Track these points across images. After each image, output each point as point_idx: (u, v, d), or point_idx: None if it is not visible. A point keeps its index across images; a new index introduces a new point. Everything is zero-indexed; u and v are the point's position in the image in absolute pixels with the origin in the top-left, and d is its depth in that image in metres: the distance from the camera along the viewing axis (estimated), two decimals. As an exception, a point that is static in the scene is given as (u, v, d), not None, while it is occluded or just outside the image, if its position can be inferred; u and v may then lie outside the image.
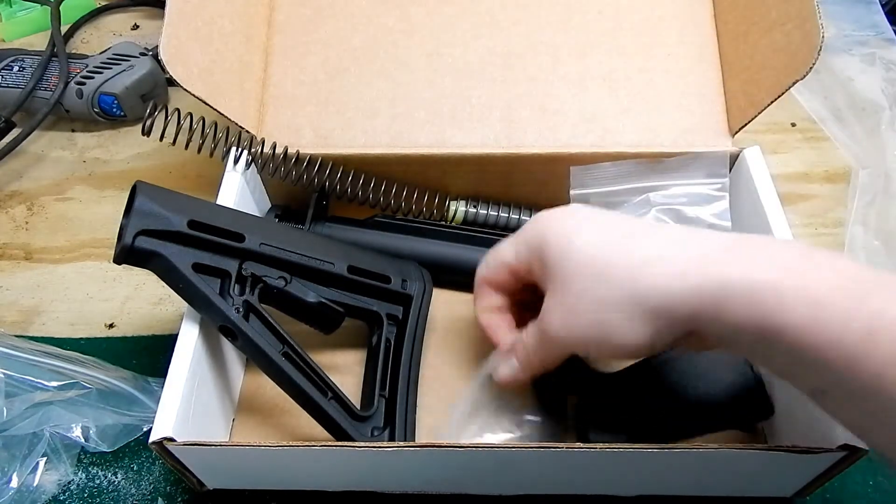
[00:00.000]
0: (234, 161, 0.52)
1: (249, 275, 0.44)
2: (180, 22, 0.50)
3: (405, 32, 0.58)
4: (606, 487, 0.45)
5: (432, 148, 0.54)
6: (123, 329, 0.55)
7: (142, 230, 0.41)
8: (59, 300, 0.57)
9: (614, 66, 0.56)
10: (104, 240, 0.61)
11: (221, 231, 0.43)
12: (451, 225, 0.56)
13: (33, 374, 0.48)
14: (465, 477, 0.44)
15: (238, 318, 0.43)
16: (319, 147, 0.55)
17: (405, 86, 0.56)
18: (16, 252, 0.61)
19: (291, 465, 0.42)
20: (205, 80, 0.51)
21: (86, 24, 0.78)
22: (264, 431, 0.49)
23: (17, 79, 0.67)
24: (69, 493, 0.47)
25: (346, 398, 0.45)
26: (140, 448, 0.49)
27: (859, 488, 0.46)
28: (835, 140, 0.66)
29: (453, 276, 0.55)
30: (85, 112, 0.67)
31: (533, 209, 0.57)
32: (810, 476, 0.42)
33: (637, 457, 0.39)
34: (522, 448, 0.38)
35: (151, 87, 0.68)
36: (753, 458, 0.39)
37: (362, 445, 0.38)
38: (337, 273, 0.48)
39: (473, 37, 0.57)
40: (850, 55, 0.70)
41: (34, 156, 0.67)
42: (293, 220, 0.55)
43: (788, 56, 0.49)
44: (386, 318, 0.50)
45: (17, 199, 0.64)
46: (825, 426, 0.39)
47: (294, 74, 0.57)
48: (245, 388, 0.51)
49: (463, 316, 0.54)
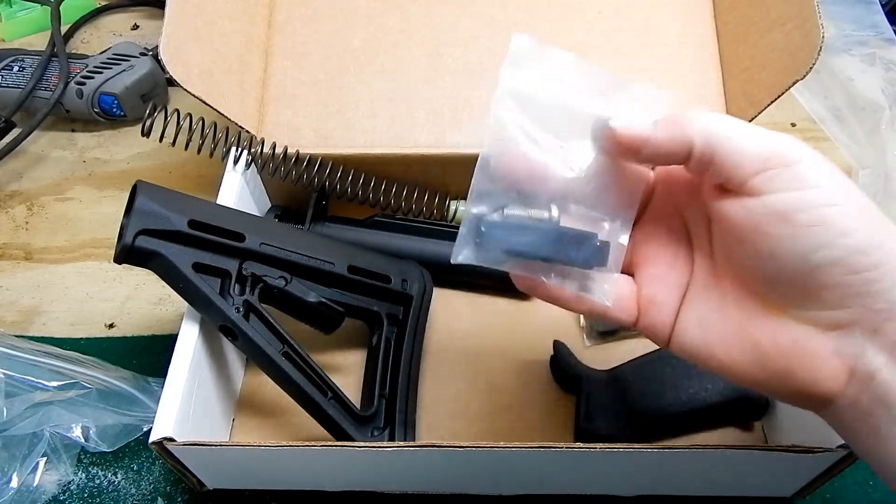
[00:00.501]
0: (234, 161, 0.52)
1: (250, 274, 0.44)
2: (180, 22, 0.50)
3: (405, 32, 0.58)
4: (606, 487, 0.45)
5: (432, 148, 0.54)
6: (123, 329, 0.55)
7: (142, 230, 0.41)
8: (59, 300, 0.57)
9: (614, 65, 0.56)
10: (104, 240, 0.61)
11: (222, 231, 0.43)
12: (452, 225, 0.56)
13: (33, 374, 0.48)
14: (465, 477, 0.44)
15: (238, 318, 0.43)
16: (319, 147, 0.55)
17: (405, 86, 0.56)
18: (16, 252, 0.61)
19: (291, 465, 0.42)
20: (205, 80, 0.51)
21: (86, 24, 0.78)
22: (264, 431, 0.49)
23: (17, 79, 0.67)
24: (69, 493, 0.47)
25: (347, 398, 0.45)
26: (140, 448, 0.49)
27: (859, 488, 0.46)
28: (835, 140, 0.66)
29: (453, 276, 0.55)
30: (85, 112, 0.67)
31: (533, 209, 0.57)
32: (810, 476, 0.42)
33: (637, 457, 0.39)
34: (522, 448, 0.38)
35: (151, 87, 0.68)
36: (753, 458, 0.39)
37: (362, 445, 0.38)
38: (337, 273, 0.48)
39: (473, 37, 0.57)
40: (850, 55, 0.70)
41: (34, 156, 0.67)
42: (293, 220, 0.55)
43: (788, 56, 0.49)
44: (386, 318, 0.50)
45: (17, 199, 0.64)
46: (825, 426, 0.39)
47: (294, 74, 0.57)
48: (245, 388, 0.51)
49: (463, 316, 0.54)
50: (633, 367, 0.48)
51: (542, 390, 0.50)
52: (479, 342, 0.53)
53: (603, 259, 0.33)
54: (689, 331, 0.32)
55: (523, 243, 0.32)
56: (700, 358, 0.32)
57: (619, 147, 0.30)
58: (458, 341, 0.53)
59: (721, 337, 0.31)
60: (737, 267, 0.30)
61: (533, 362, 0.51)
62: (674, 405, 0.46)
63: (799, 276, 0.28)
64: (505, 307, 0.55)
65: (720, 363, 0.31)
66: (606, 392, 0.47)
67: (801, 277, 0.28)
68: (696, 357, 0.32)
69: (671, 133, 0.29)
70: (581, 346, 0.52)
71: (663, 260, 0.34)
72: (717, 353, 0.31)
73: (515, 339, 0.53)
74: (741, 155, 0.28)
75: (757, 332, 0.30)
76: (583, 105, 0.32)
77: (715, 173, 0.29)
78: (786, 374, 0.29)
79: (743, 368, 0.30)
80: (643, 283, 0.34)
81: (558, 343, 0.50)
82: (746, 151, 0.28)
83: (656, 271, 0.34)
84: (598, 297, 0.33)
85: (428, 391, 0.50)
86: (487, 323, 0.54)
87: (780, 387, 0.30)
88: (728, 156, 0.28)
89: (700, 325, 0.32)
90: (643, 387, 0.46)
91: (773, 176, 0.28)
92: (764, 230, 0.28)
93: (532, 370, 0.51)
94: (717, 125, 0.29)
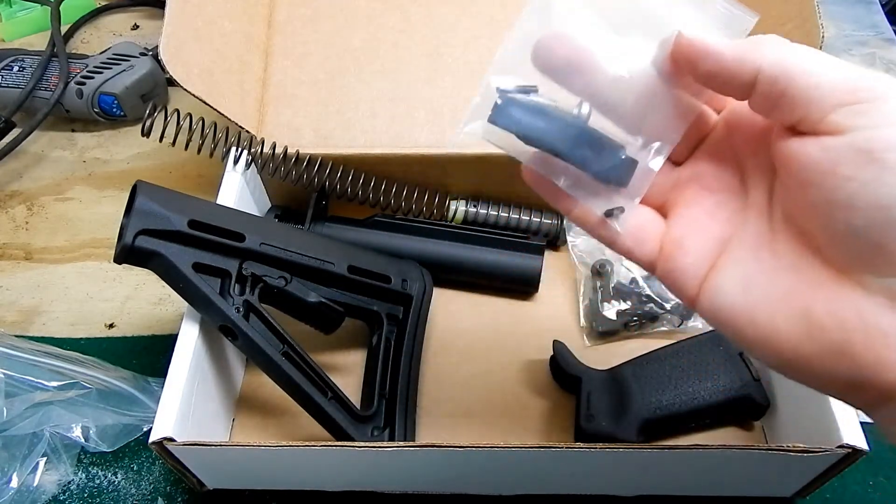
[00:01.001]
0: (234, 161, 0.52)
1: (250, 274, 0.44)
2: (180, 22, 0.50)
3: (405, 32, 0.58)
4: (606, 487, 0.45)
5: (432, 148, 0.54)
6: (123, 329, 0.55)
7: (142, 230, 0.41)
8: (59, 300, 0.57)
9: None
10: (104, 240, 0.61)
11: (222, 231, 0.43)
12: (451, 225, 0.56)
13: (33, 374, 0.48)
14: (465, 477, 0.44)
15: (238, 318, 0.43)
16: (319, 147, 0.55)
17: (405, 86, 0.56)
18: (16, 252, 0.61)
19: (291, 465, 0.42)
20: (205, 80, 0.51)
21: (86, 24, 0.78)
22: (264, 431, 0.49)
23: (17, 79, 0.67)
24: (69, 493, 0.47)
25: (347, 398, 0.45)
26: (140, 448, 0.49)
27: (859, 488, 0.46)
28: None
29: (453, 276, 0.55)
30: (85, 112, 0.67)
31: (533, 209, 0.57)
32: (810, 476, 0.42)
33: (637, 457, 0.39)
34: (522, 448, 0.38)
35: (151, 87, 0.68)
36: (753, 458, 0.39)
37: (362, 445, 0.38)
38: (337, 273, 0.48)
39: (473, 37, 0.57)
40: (850, 55, 0.70)
41: (34, 156, 0.67)
42: (293, 220, 0.55)
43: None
44: (386, 318, 0.50)
45: (17, 199, 0.64)
46: (825, 426, 0.39)
47: (294, 74, 0.57)
48: (245, 388, 0.51)
49: (463, 316, 0.54)
50: (633, 366, 0.48)
51: (542, 390, 0.50)
52: (479, 342, 0.53)
53: (623, 177, 0.29)
54: (728, 290, 0.27)
55: (538, 129, 0.28)
56: (735, 323, 0.27)
57: (680, 52, 0.27)
58: (458, 341, 0.53)
59: (766, 301, 0.26)
60: (801, 220, 0.26)
61: (533, 362, 0.51)
62: (674, 405, 0.46)
63: (878, 232, 0.23)
64: (505, 307, 0.55)
65: (760, 331, 0.26)
66: (606, 392, 0.47)
67: (880, 233, 0.23)
68: (731, 321, 0.27)
69: (738, 54, 0.26)
70: (581, 346, 0.52)
71: (703, 207, 0.30)
72: (759, 318, 0.26)
73: (515, 339, 0.53)
74: (819, 87, 0.24)
75: (813, 299, 0.25)
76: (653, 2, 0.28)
77: (787, 108, 0.25)
78: (841, 352, 0.24)
79: (788, 339, 0.26)
80: (674, 223, 0.30)
81: (558, 343, 0.50)
82: (826, 83, 0.24)
83: (692, 214, 0.30)
84: (608, 218, 0.29)
85: (428, 391, 0.50)
86: (487, 323, 0.54)
87: (830, 367, 0.25)
88: (805, 88, 0.24)
89: (743, 285, 0.27)
90: (643, 386, 0.46)
91: (859, 111, 0.23)
92: (842, 172, 0.23)
93: (532, 370, 0.51)
94: (791, 55, 0.25)
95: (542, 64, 0.28)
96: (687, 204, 0.30)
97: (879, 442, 0.38)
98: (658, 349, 0.49)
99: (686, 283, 0.29)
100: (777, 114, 0.26)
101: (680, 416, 0.46)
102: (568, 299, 0.55)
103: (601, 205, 0.30)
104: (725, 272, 0.28)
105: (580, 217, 0.31)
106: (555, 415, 0.49)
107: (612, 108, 0.29)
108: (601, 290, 0.53)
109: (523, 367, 0.51)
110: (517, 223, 0.56)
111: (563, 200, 0.31)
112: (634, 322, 0.52)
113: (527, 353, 0.52)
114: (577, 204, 0.31)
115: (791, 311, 0.26)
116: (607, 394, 0.47)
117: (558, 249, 0.58)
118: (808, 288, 0.26)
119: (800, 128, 0.25)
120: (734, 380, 0.46)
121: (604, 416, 0.46)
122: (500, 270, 0.53)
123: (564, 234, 0.56)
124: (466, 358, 0.52)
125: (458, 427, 0.49)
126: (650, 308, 0.52)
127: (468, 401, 0.50)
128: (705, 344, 0.48)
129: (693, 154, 0.31)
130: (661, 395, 0.46)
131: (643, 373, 0.47)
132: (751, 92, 0.26)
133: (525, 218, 0.56)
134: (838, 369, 0.25)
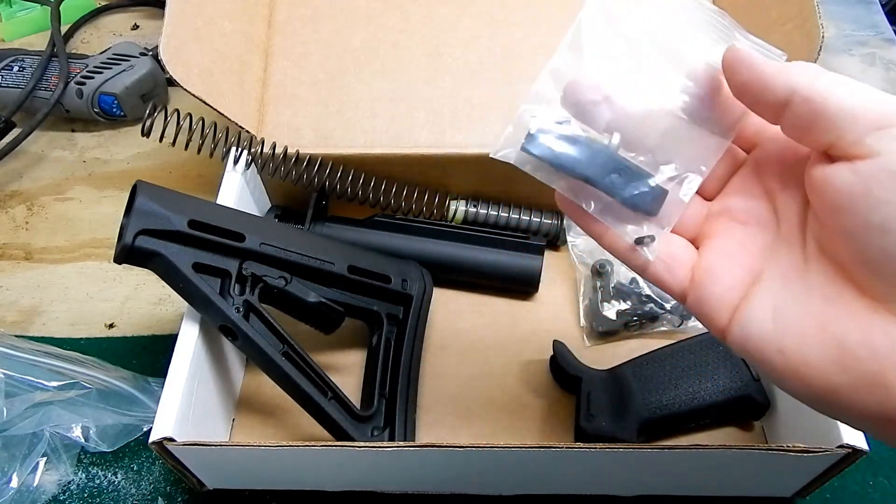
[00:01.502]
0: (234, 161, 0.52)
1: (250, 274, 0.44)
2: (180, 22, 0.50)
3: (405, 32, 0.58)
4: (606, 487, 0.45)
5: (432, 148, 0.54)
6: (123, 329, 0.55)
7: (142, 230, 0.41)
8: (59, 300, 0.57)
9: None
10: (104, 240, 0.61)
11: (222, 231, 0.43)
12: (451, 225, 0.56)
13: (33, 374, 0.48)
14: (465, 477, 0.44)
15: (238, 318, 0.43)
16: (319, 147, 0.55)
17: (405, 86, 0.56)
18: (16, 252, 0.61)
19: (291, 465, 0.42)
20: (205, 80, 0.51)
21: (86, 24, 0.78)
22: (264, 431, 0.49)
23: (17, 79, 0.67)
24: (69, 493, 0.47)
25: (347, 398, 0.45)
26: (140, 448, 0.49)
27: (859, 488, 0.46)
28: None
29: (453, 276, 0.55)
30: (85, 112, 0.67)
31: (533, 209, 0.57)
32: (810, 476, 0.42)
33: (637, 457, 0.39)
34: (522, 448, 0.38)
35: (151, 87, 0.68)
36: (753, 458, 0.39)
37: (362, 445, 0.38)
38: (337, 273, 0.48)
39: (473, 37, 0.57)
40: (850, 55, 0.70)
41: (34, 156, 0.67)
42: (293, 220, 0.55)
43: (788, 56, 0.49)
44: (386, 318, 0.50)
45: (17, 199, 0.64)
46: (825, 426, 0.39)
47: (294, 74, 0.57)
48: (245, 388, 0.51)
49: (463, 316, 0.54)
50: (634, 366, 0.48)
51: (542, 390, 0.50)
52: (479, 342, 0.53)
53: (653, 206, 0.30)
54: (758, 320, 0.27)
55: (570, 158, 0.30)
56: (765, 353, 0.27)
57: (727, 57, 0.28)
58: (458, 341, 0.53)
59: (798, 331, 0.26)
60: (834, 249, 0.26)
61: (533, 362, 0.52)
62: (674, 405, 0.46)
63: None
64: (505, 307, 0.55)
65: (790, 362, 0.26)
66: (606, 392, 0.47)
67: None
68: (761, 351, 0.27)
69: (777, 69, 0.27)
70: (581, 346, 0.52)
71: (735, 238, 0.30)
72: (789, 348, 0.26)
73: (515, 339, 0.53)
74: (854, 110, 0.25)
75: (845, 329, 0.25)
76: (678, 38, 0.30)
77: (822, 130, 0.25)
78: (874, 383, 0.24)
79: (819, 370, 0.25)
80: (705, 253, 0.30)
81: (558, 343, 0.50)
82: (859, 106, 0.25)
83: (724, 245, 0.30)
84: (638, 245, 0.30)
85: (428, 391, 0.50)
86: (487, 323, 0.54)
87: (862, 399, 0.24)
88: (839, 110, 0.25)
89: (774, 315, 0.27)
90: (643, 386, 0.46)
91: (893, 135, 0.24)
92: (877, 195, 0.24)
93: (532, 370, 0.51)
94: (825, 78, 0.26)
95: (572, 106, 0.30)
96: (718, 235, 0.30)
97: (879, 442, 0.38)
98: (658, 349, 0.49)
99: (717, 312, 0.29)
100: (810, 136, 0.26)
101: (680, 416, 0.46)
102: (568, 299, 0.55)
103: (632, 232, 0.31)
104: (757, 302, 0.28)
105: (611, 244, 0.32)
106: (555, 415, 0.49)
107: (640, 143, 0.30)
108: (601, 290, 0.53)
109: (523, 367, 0.51)
110: (517, 223, 0.56)
111: (594, 226, 0.32)
112: (634, 322, 0.52)
113: (527, 353, 0.52)
114: (609, 230, 0.31)
115: (823, 342, 0.25)
116: (607, 394, 0.47)
117: (558, 249, 0.58)
118: (840, 318, 0.25)
119: (832, 152, 0.25)
120: (734, 380, 0.46)
121: (604, 416, 0.46)
122: (500, 270, 0.53)
123: (564, 234, 0.56)
124: (466, 358, 0.52)
125: (458, 427, 0.49)
126: (650, 308, 0.52)
127: (468, 401, 0.50)
128: (705, 344, 0.48)
129: (723, 189, 0.32)
130: (661, 395, 0.46)
131: (643, 373, 0.47)
132: (783, 111, 0.26)
133: (525, 218, 0.56)
134: (871, 401, 0.24)
